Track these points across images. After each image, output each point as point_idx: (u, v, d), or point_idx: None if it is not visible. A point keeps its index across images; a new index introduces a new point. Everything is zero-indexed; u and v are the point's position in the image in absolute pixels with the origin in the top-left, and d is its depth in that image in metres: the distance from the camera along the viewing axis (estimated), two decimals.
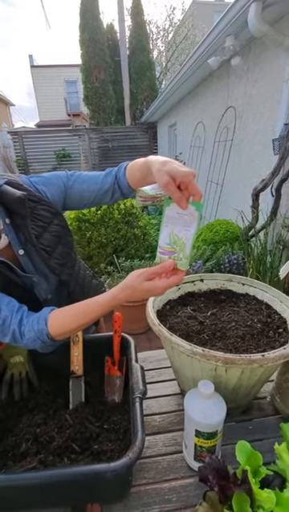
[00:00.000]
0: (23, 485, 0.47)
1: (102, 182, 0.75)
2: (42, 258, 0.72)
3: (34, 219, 0.70)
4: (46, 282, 0.75)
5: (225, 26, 2.15)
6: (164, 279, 0.56)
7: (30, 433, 0.65)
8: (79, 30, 7.46)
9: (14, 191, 0.67)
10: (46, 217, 0.73)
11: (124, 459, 0.49)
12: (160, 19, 15.32)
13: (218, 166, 3.29)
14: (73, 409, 0.72)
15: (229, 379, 0.62)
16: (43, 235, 0.72)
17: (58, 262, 0.75)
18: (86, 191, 0.76)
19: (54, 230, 0.74)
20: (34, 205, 0.70)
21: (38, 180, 0.75)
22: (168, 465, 0.65)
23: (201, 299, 0.90)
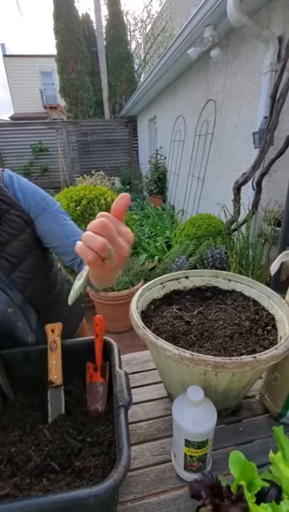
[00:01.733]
0: None
1: (71, 242, 0.67)
2: (5, 268, 0.64)
3: (4, 224, 0.62)
4: (6, 294, 0.67)
5: (204, 15, 2.11)
6: None
7: (3, 454, 0.59)
8: (53, 18, 7.16)
9: None
10: (19, 225, 0.65)
11: (107, 482, 0.44)
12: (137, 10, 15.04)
13: (199, 160, 3.27)
14: (52, 423, 0.66)
15: (219, 383, 0.58)
16: (11, 243, 0.64)
17: (22, 276, 0.67)
18: (58, 235, 0.69)
19: (24, 239, 0.66)
20: (7, 208, 0.63)
21: (21, 185, 0.66)
22: (156, 476, 0.61)
23: (187, 297, 0.86)
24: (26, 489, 0.53)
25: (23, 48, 43.34)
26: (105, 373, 0.74)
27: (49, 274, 0.79)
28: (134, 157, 7.46)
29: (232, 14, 1.86)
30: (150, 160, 5.47)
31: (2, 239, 0.63)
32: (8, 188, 0.65)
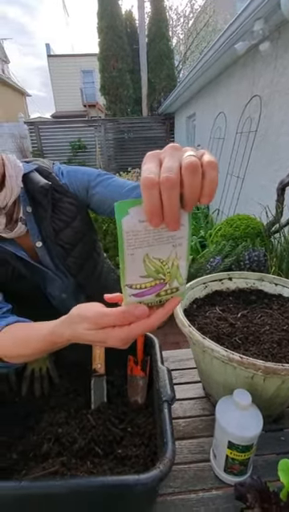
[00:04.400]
0: (48, 493, 0.44)
1: (127, 193, 0.67)
2: (60, 255, 0.68)
3: (58, 212, 0.66)
4: (61, 280, 0.71)
5: (255, 8, 2.02)
6: (131, 325, 0.35)
7: (51, 433, 0.63)
8: (98, 17, 7.30)
9: (39, 179, 0.63)
10: (71, 212, 0.68)
11: (154, 472, 0.45)
12: (180, 5, 14.83)
13: (240, 158, 3.16)
14: (95, 409, 0.69)
15: (266, 389, 0.57)
16: (65, 230, 0.67)
17: (75, 262, 0.70)
18: (107, 198, 0.69)
19: (76, 226, 0.69)
20: (60, 196, 0.66)
21: (65, 170, 0.70)
22: (194, 474, 0.62)
23: (230, 299, 0.85)
24: (73, 469, 0.56)
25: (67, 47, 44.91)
26: (145, 367, 0.75)
27: (98, 261, 0.83)
28: None
29: (287, 5, 1.77)
30: None
31: (56, 227, 0.66)
32: (59, 177, 0.69)
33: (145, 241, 0.30)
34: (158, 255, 0.31)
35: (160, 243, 0.31)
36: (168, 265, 0.32)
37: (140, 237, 0.29)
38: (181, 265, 0.33)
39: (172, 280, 0.34)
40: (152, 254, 0.31)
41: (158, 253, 0.31)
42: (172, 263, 0.33)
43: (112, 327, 0.35)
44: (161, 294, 0.34)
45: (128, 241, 0.29)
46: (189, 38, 9.38)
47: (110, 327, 0.35)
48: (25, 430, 0.66)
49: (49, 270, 0.69)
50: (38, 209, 0.66)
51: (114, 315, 0.35)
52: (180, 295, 0.36)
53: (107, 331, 0.36)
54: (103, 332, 0.36)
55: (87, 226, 0.73)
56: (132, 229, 0.28)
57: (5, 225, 0.60)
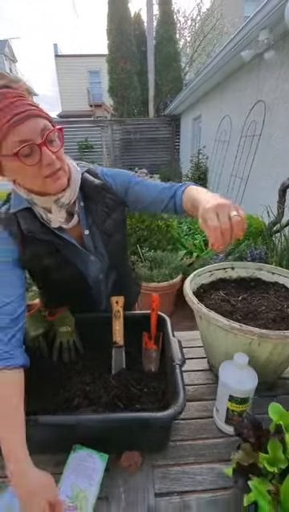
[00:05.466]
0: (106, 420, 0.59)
1: (161, 192, 0.81)
2: (102, 240, 0.81)
3: (103, 205, 0.79)
4: (100, 263, 0.84)
5: (261, 19, 2.14)
6: None
7: (80, 390, 0.75)
8: (107, 19, 7.45)
9: (92, 179, 0.76)
10: (112, 206, 0.80)
11: (170, 410, 0.57)
12: (188, 8, 14.94)
13: (244, 161, 3.27)
14: (116, 374, 0.81)
15: (261, 354, 0.69)
16: (107, 221, 0.80)
17: (113, 247, 0.84)
18: (144, 194, 0.82)
19: (115, 218, 0.82)
20: (104, 193, 0.79)
21: (108, 172, 0.83)
22: (200, 426, 0.73)
23: (232, 285, 0.96)
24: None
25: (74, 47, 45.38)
26: (158, 342, 0.87)
27: (126, 248, 0.98)
28: (175, 156, 7.53)
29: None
30: (192, 159, 5.52)
31: (102, 216, 0.80)
32: (103, 177, 0.82)
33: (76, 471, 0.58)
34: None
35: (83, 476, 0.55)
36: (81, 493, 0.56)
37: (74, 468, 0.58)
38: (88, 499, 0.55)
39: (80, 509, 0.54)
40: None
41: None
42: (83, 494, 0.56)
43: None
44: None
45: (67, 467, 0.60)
46: (196, 41, 9.50)
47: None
48: (57, 389, 0.78)
49: (91, 254, 0.82)
50: (88, 203, 0.78)
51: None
52: None
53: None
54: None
55: (123, 220, 0.87)
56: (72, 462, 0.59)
57: (65, 218, 0.72)
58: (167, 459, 0.66)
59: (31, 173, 0.60)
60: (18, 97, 0.56)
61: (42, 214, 0.71)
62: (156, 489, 0.60)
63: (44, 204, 0.69)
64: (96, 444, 0.64)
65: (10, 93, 0.56)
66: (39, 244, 0.71)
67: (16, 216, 0.69)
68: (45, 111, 0.61)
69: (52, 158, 0.59)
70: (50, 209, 0.70)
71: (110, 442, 0.65)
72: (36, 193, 0.66)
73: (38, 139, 0.57)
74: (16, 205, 0.70)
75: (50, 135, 0.59)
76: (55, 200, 0.67)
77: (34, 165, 0.58)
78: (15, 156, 0.56)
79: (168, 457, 0.66)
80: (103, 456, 0.62)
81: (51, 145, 0.60)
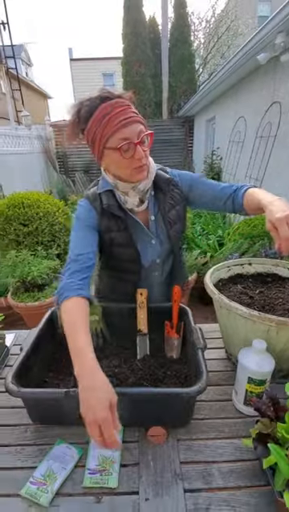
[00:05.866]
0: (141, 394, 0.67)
1: (221, 190, 0.92)
2: (165, 227, 0.93)
3: (170, 197, 0.92)
4: (159, 247, 0.96)
5: (277, 23, 2.17)
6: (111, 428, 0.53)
7: (110, 371, 0.82)
8: (123, 23, 7.57)
9: (163, 174, 0.92)
10: (177, 199, 0.94)
11: (196, 386, 0.64)
12: (202, 10, 14.94)
13: (259, 162, 3.29)
14: (141, 359, 0.88)
15: (278, 342, 0.74)
16: (171, 211, 0.93)
17: (174, 234, 0.95)
18: (205, 191, 0.94)
19: (178, 210, 0.95)
20: (172, 187, 0.93)
21: (175, 172, 0.97)
22: (220, 407, 0.79)
23: (250, 280, 1.02)
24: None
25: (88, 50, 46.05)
26: (179, 330, 0.94)
27: (182, 238, 1.08)
28: (188, 157, 7.57)
29: None
30: (205, 160, 5.54)
31: (168, 207, 0.93)
32: (172, 176, 0.95)
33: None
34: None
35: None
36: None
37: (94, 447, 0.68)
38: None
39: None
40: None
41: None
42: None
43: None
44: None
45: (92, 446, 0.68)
46: (210, 42, 9.50)
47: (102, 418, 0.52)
48: None
49: (153, 238, 0.94)
50: (158, 194, 0.92)
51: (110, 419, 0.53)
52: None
53: (107, 414, 0.53)
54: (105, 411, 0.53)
55: (184, 213, 0.99)
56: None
57: (137, 203, 0.88)
58: (190, 434, 0.72)
59: (124, 164, 0.77)
60: (127, 106, 0.74)
61: (121, 196, 0.88)
62: (181, 458, 0.67)
63: (124, 188, 0.86)
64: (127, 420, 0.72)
65: (121, 103, 0.74)
66: (113, 219, 0.89)
67: (100, 195, 0.88)
68: (142, 117, 0.78)
69: (142, 154, 0.76)
70: (127, 193, 0.86)
71: (139, 417, 0.72)
72: (121, 179, 0.83)
73: (135, 139, 0.74)
74: (102, 187, 0.89)
75: (143, 137, 0.76)
76: (133, 186, 0.84)
77: (128, 158, 0.75)
78: (117, 150, 0.74)
79: (191, 432, 0.73)
80: (120, 429, 0.69)
81: (143, 145, 0.76)
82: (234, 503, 0.59)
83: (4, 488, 0.62)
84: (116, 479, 0.62)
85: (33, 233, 2.58)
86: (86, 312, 0.72)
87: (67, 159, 7.72)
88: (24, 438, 0.72)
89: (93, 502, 0.59)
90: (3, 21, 7.47)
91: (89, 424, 0.53)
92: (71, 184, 7.06)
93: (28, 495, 0.59)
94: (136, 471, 0.64)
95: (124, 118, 0.72)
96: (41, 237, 2.60)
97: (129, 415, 0.71)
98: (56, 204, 2.87)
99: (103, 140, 0.74)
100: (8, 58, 8.06)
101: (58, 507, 0.58)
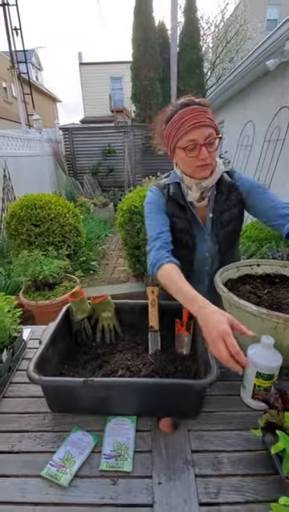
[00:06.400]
0: (154, 384, 0.72)
1: (275, 207, 0.95)
2: (216, 226, 1.01)
3: (228, 199, 1.00)
4: (212, 244, 1.03)
5: (286, 30, 2.21)
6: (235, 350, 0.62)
7: (123, 364, 0.87)
8: (132, 28, 7.68)
9: (227, 177, 1.01)
10: (234, 202, 1.00)
11: (208, 379, 0.67)
12: (211, 15, 15.02)
13: (267, 165, 3.32)
14: (152, 354, 0.92)
15: (286, 338, 0.77)
16: (225, 213, 1.00)
17: (224, 234, 1.02)
18: (260, 202, 0.99)
19: (233, 213, 1.01)
20: (232, 190, 1.00)
21: (240, 176, 1.04)
22: (228, 401, 0.83)
23: (258, 281, 1.05)
24: None
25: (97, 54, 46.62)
26: (189, 328, 0.97)
27: (235, 241, 1.13)
28: None
29: None
30: None
31: (224, 208, 1.00)
32: (235, 179, 1.02)
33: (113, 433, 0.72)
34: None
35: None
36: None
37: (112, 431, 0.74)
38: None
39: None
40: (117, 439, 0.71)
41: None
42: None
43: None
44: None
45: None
46: (218, 47, 9.57)
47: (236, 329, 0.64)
48: (102, 363, 0.90)
49: (206, 233, 1.02)
50: (218, 194, 1.00)
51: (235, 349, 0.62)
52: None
53: (230, 336, 0.62)
54: (229, 333, 0.62)
55: (239, 216, 1.04)
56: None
57: (198, 198, 0.97)
58: (200, 425, 0.76)
59: (189, 162, 0.90)
60: (202, 111, 0.85)
61: (185, 189, 0.99)
62: (192, 447, 0.70)
63: (188, 183, 0.97)
64: (140, 410, 0.76)
65: (198, 109, 0.85)
66: (177, 206, 1.00)
67: (169, 185, 1.02)
68: (215, 122, 0.89)
69: (206, 155, 0.86)
70: (190, 188, 0.97)
71: (152, 408, 0.76)
72: (186, 174, 0.96)
73: (201, 141, 0.85)
74: (172, 179, 1.03)
75: (211, 140, 0.86)
76: (197, 183, 0.95)
77: (193, 157, 0.87)
78: (184, 149, 0.87)
79: (201, 423, 0.76)
80: (133, 418, 0.75)
81: (210, 147, 0.87)
82: (243, 489, 0.62)
83: (25, 469, 0.66)
84: (130, 464, 0.66)
85: (44, 233, 2.65)
86: (180, 273, 0.84)
87: (75, 161, 7.83)
88: (43, 425, 0.76)
89: (109, 484, 0.63)
90: (16, 27, 7.65)
91: (213, 341, 0.63)
92: (79, 186, 7.17)
93: (49, 476, 0.63)
94: (149, 457, 0.68)
95: (196, 122, 0.83)
96: (52, 237, 2.67)
97: (143, 405, 0.76)
98: (67, 205, 2.94)
99: (175, 139, 0.87)
100: (20, 63, 8.25)
101: (77, 487, 0.62)
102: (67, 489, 0.62)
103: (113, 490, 0.62)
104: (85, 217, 4.76)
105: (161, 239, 0.93)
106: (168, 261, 0.86)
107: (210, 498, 0.60)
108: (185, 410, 0.76)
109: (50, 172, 6.98)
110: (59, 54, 64.70)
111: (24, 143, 5.46)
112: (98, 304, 1.01)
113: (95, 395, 0.74)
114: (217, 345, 0.62)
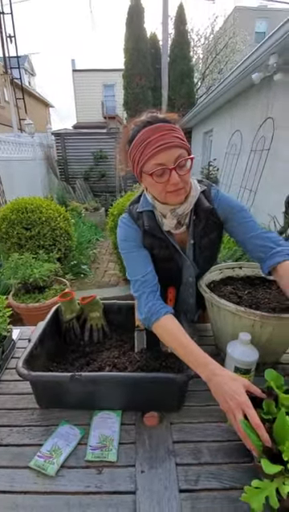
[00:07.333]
0: (136, 378, 0.75)
1: (252, 239, 0.88)
2: (194, 252, 0.96)
3: (206, 225, 0.92)
4: (193, 269, 1.00)
5: (270, 46, 2.33)
6: (255, 414, 0.58)
7: (110, 361, 0.90)
8: (125, 39, 7.87)
9: (204, 201, 0.89)
10: (212, 227, 0.94)
11: (186, 373, 0.72)
12: (201, 27, 15.46)
13: (253, 173, 3.43)
14: (138, 351, 0.96)
15: (262, 335, 0.83)
16: (204, 238, 0.94)
17: (202, 260, 0.98)
18: (236, 232, 0.92)
19: (212, 238, 0.95)
20: (210, 215, 0.92)
21: (221, 196, 0.93)
22: (209, 396, 0.83)
23: (239, 282, 1.11)
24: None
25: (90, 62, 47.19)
26: None
27: (212, 264, 1.09)
28: None
29: None
30: (202, 170, 5.71)
31: (202, 233, 0.93)
32: (213, 200, 0.91)
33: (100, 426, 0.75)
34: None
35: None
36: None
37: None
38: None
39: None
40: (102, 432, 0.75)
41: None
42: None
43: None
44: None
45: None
46: (208, 58, 9.87)
47: (244, 407, 0.60)
48: (89, 360, 0.93)
49: (188, 260, 0.96)
50: (196, 220, 0.91)
51: (255, 421, 0.58)
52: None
53: (249, 405, 0.60)
54: (247, 400, 0.60)
55: (218, 241, 0.99)
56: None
57: (175, 225, 0.88)
58: (182, 418, 0.80)
59: (159, 188, 0.79)
60: (167, 131, 0.74)
61: (159, 218, 0.90)
62: (173, 438, 0.74)
63: (162, 210, 0.87)
64: (125, 404, 0.79)
65: (163, 127, 0.74)
66: (155, 238, 0.91)
67: (142, 214, 0.90)
68: (186, 142, 0.78)
69: (177, 180, 0.76)
70: (165, 215, 0.87)
71: (137, 402, 0.79)
72: (158, 201, 0.85)
73: (170, 164, 0.74)
74: (143, 206, 0.91)
75: (182, 162, 0.75)
76: (172, 209, 0.85)
77: (162, 183, 0.77)
78: (150, 175, 0.76)
79: (182, 416, 0.80)
80: (118, 412, 0.78)
81: (181, 170, 0.76)
82: (221, 476, 0.66)
83: (14, 461, 0.69)
84: (115, 454, 0.69)
85: (35, 237, 2.66)
86: (180, 326, 0.79)
87: (67, 166, 7.87)
88: (31, 420, 0.79)
89: (95, 473, 0.66)
90: (10, 34, 7.71)
91: (232, 412, 0.61)
92: (71, 190, 7.19)
93: (36, 466, 0.66)
94: (133, 448, 0.72)
95: (162, 144, 0.72)
96: (42, 241, 2.69)
97: (128, 400, 0.80)
98: (58, 209, 2.96)
99: (140, 163, 0.76)
100: (13, 68, 8.29)
101: (63, 476, 0.65)
102: (54, 478, 0.65)
103: (98, 479, 0.65)
104: (76, 222, 4.79)
105: (148, 283, 0.85)
106: (164, 312, 0.81)
107: (190, 485, 0.64)
108: (168, 404, 0.80)
109: (42, 176, 6.99)
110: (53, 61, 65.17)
111: (16, 147, 5.47)
112: (87, 304, 1.05)
113: (82, 389, 0.77)
114: (235, 415, 0.60)
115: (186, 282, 1.02)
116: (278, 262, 0.80)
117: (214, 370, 0.67)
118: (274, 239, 0.86)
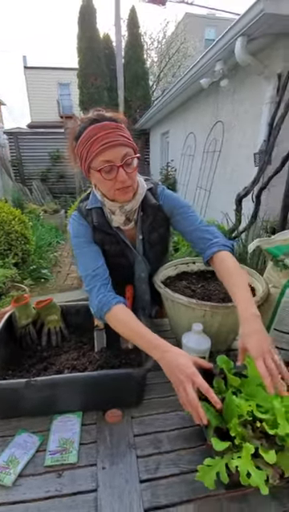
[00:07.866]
0: (92, 377, 0.75)
1: (192, 231, 0.93)
2: (144, 248, 0.99)
3: (154, 220, 0.96)
4: (144, 264, 1.02)
5: (215, 53, 2.47)
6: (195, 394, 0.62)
7: (69, 364, 0.89)
8: (77, 38, 7.73)
9: (151, 198, 0.93)
10: (160, 222, 0.98)
11: (146, 366, 0.74)
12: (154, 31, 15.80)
13: (207, 174, 3.60)
14: (98, 351, 0.96)
15: (213, 324, 0.88)
16: (153, 233, 0.98)
17: (153, 255, 1.01)
18: (180, 225, 0.96)
19: (161, 233, 1.00)
20: (157, 211, 0.96)
21: (166, 193, 0.98)
22: (167, 387, 0.87)
23: (193, 277, 1.16)
24: None
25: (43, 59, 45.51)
26: None
27: (165, 260, 1.14)
28: (145, 168, 7.86)
29: (239, 55, 2.22)
30: (161, 171, 5.85)
31: (150, 229, 0.96)
32: (159, 197, 0.97)
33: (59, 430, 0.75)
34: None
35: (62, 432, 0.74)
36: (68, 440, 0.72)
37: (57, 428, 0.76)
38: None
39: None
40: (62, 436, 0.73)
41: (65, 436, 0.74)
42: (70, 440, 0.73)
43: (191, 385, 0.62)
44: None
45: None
46: (162, 62, 10.11)
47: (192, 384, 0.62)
48: (47, 365, 0.91)
49: (139, 255, 0.99)
50: (144, 216, 0.95)
51: (204, 386, 0.62)
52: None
53: (199, 377, 0.63)
54: (198, 375, 0.63)
55: (167, 235, 1.03)
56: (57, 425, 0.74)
57: (124, 221, 0.91)
58: (142, 411, 0.82)
59: (107, 185, 0.81)
60: (113, 130, 0.76)
61: (108, 214, 0.92)
62: (134, 432, 0.76)
63: (111, 207, 0.89)
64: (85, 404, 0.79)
65: (109, 125, 0.76)
66: (105, 234, 0.94)
67: (91, 211, 0.92)
68: (132, 141, 0.81)
69: (125, 177, 0.79)
70: (114, 212, 0.90)
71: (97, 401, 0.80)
72: (107, 198, 0.87)
73: (118, 162, 0.77)
74: (92, 203, 0.93)
75: (128, 160, 0.78)
76: (120, 206, 0.88)
77: (110, 180, 0.79)
78: (99, 171, 0.78)
79: (143, 410, 0.82)
80: (78, 413, 0.78)
81: (128, 168, 0.79)
82: (179, 462, 0.69)
83: None
84: (75, 456, 0.69)
85: None
86: (132, 313, 0.81)
87: (22, 167, 7.51)
88: None
89: (55, 478, 0.65)
90: None
91: (181, 383, 0.63)
92: (27, 192, 6.88)
93: None
94: (94, 447, 0.72)
95: (108, 141, 0.74)
96: None
97: (87, 400, 0.79)
98: (12, 212, 2.83)
99: (88, 160, 0.78)
100: None
101: (21, 485, 0.63)
102: (11, 488, 0.63)
103: (58, 483, 0.64)
104: (34, 224, 4.59)
105: (99, 277, 0.86)
106: (116, 302, 0.81)
107: (150, 474, 0.66)
108: (128, 400, 0.82)
109: None
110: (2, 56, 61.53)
111: None
112: (43, 308, 1.02)
113: (38, 395, 0.75)
114: (185, 387, 0.62)
115: (139, 277, 1.05)
116: (213, 253, 0.87)
117: (163, 347, 0.70)
118: (212, 231, 0.92)
